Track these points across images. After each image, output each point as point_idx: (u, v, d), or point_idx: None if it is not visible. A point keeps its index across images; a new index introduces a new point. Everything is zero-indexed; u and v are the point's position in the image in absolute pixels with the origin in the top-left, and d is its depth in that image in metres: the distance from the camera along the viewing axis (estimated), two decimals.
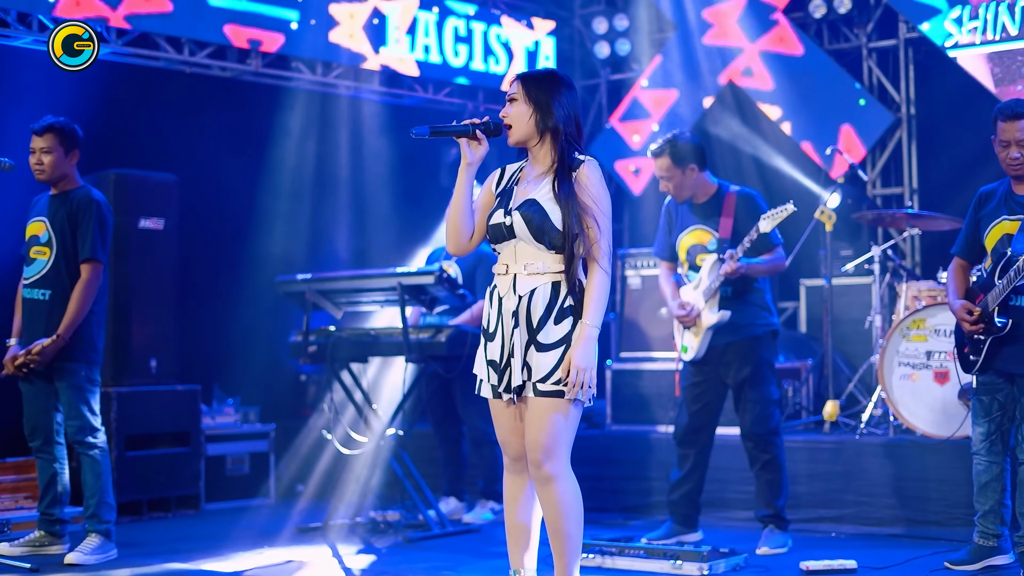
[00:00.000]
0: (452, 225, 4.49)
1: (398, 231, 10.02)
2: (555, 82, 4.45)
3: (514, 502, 4.58)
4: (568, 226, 4.32)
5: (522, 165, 4.56)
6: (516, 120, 4.42)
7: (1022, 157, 5.44)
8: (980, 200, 5.68)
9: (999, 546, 5.69)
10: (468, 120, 4.46)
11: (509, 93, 4.47)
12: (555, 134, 4.40)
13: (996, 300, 5.40)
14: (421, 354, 6.89)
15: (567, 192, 4.33)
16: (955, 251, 5.79)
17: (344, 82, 9.65)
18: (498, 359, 4.41)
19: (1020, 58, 8.95)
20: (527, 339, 4.35)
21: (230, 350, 9.05)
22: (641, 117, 10.65)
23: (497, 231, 4.44)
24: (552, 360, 4.31)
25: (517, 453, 4.53)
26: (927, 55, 9.68)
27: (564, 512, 4.38)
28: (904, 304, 7.60)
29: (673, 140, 6.48)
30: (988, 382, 5.57)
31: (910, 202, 7.73)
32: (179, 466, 7.98)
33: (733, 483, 7.31)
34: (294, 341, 7.32)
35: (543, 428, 4.33)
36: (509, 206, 4.42)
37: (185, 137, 8.95)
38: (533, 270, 4.37)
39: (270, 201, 9.42)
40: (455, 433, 7.75)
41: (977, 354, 5.55)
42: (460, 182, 4.45)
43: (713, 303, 6.39)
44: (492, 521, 7.46)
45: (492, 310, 4.47)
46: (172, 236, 8.08)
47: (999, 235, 5.52)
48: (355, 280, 7.13)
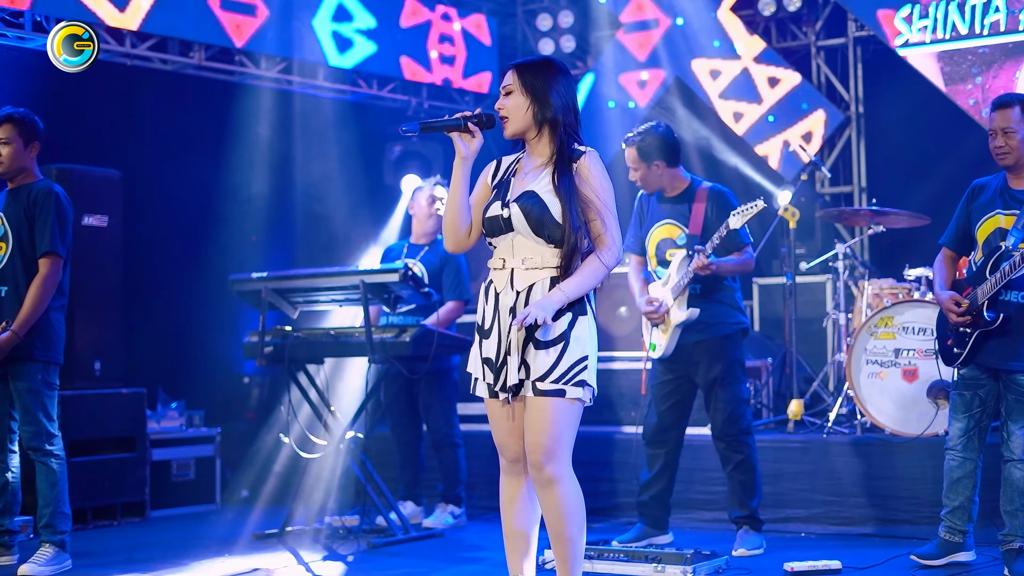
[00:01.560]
0: (449, 221, 4.34)
1: (343, 229, 9.82)
2: (552, 70, 4.32)
3: (511, 506, 4.43)
4: (568, 219, 4.18)
5: (519, 157, 4.41)
6: (513, 112, 4.28)
7: (1006, 146, 5.41)
8: (973, 192, 5.63)
9: (964, 542, 5.66)
10: (460, 114, 4.31)
11: (504, 84, 4.31)
12: (554, 125, 4.27)
13: (987, 294, 5.35)
14: (385, 354, 6.69)
15: (568, 185, 4.20)
16: (944, 241, 5.73)
17: (287, 77, 9.41)
18: (494, 357, 4.25)
19: (971, 57, 8.99)
20: (525, 336, 4.20)
21: (174, 352, 8.82)
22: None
23: (494, 224, 4.29)
24: (551, 358, 4.18)
25: (514, 455, 4.38)
26: (876, 53, 9.71)
27: (567, 515, 4.25)
28: (866, 302, 7.57)
29: (644, 133, 6.37)
30: (971, 377, 5.53)
31: (874, 199, 7.68)
32: (125, 472, 7.70)
33: (697, 483, 7.23)
34: (249, 342, 7.09)
35: (543, 429, 4.20)
36: (507, 198, 4.27)
37: (128, 132, 8.68)
38: (532, 264, 4.24)
39: (215, 198, 9.17)
40: (414, 435, 7.56)
41: (962, 347, 5.49)
42: (456, 177, 4.30)
43: (682, 300, 6.28)
44: (453, 525, 7.30)
45: (488, 306, 4.32)
46: (116, 234, 7.81)
47: (992, 228, 5.48)
48: (314, 279, 6.90)
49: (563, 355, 4.18)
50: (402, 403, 7.44)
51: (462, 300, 7.38)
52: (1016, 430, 5.40)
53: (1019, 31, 8.79)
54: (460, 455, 7.42)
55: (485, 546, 6.72)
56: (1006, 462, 5.45)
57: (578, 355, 4.20)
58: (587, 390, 4.24)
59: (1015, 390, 5.40)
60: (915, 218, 7.55)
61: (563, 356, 4.18)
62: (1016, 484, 5.42)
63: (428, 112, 10.21)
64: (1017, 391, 5.39)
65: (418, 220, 7.56)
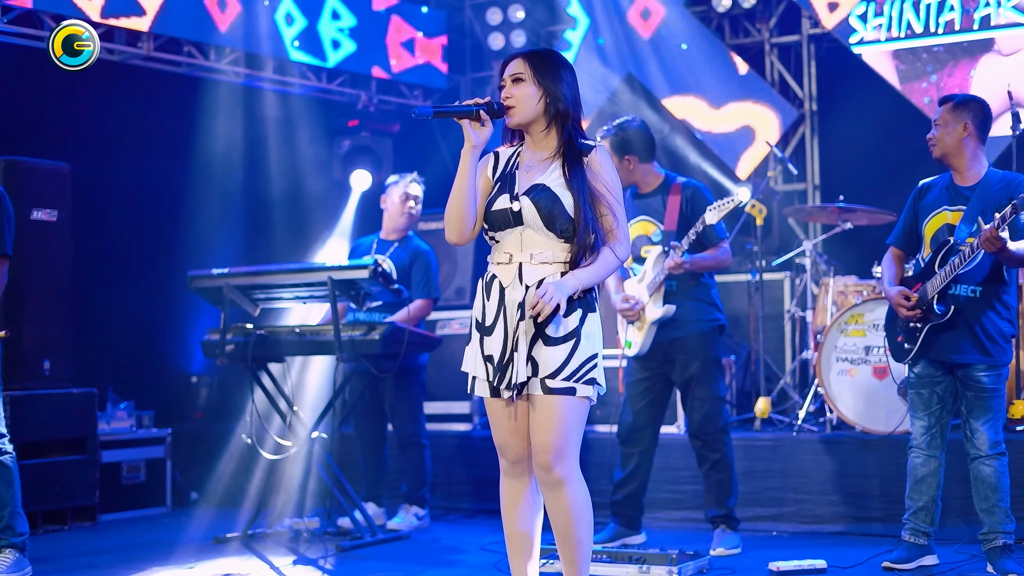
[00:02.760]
0: (456, 213, 4.18)
1: (292, 225, 9.64)
2: (561, 62, 4.26)
3: (513, 508, 4.31)
4: (581, 213, 4.09)
5: (518, 149, 4.29)
6: (524, 101, 4.17)
7: (933, 139, 5.53)
8: (920, 192, 5.70)
9: (928, 545, 5.63)
10: (472, 100, 4.17)
11: (512, 72, 4.19)
12: (563, 118, 4.19)
13: (936, 288, 5.40)
14: (353, 352, 6.53)
15: (580, 178, 4.12)
16: (892, 241, 5.78)
17: (235, 69, 9.18)
18: (499, 354, 4.13)
19: (925, 55, 9.02)
20: (533, 332, 4.08)
21: (124, 350, 8.56)
22: None
23: (502, 217, 4.16)
24: (562, 354, 4.07)
25: (516, 456, 4.27)
26: (829, 51, 9.70)
27: (576, 517, 4.15)
28: (831, 299, 7.55)
29: (618, 127, 6.31)
30: (926, 375, 5.53)
31: (841, 196, 7.66)
32: (75, 475, 7.45)
33: (665, 482, 7.15)
34: (209, 340, 6.89)
35: (553, 428, 4.08)
36: (515, 191, 4.15)
37: (76, 123, 8.40)
38: (541, 259, 4.13)
39: (166, 192, 8.94)
40: (379, 435, 7.40)
41: (912, 342, 5.52)
42: (465, 167, 4.15)
43: (658, 297, 6.21)
44: (418, 527, 7.15)
45: (490, 302, 4.19)
46: (66, 228, 7.55)
47: (939, 224, 5.54)
48: (279, 275, 6.71)
49: (575, 352, 4.08)
50: (367, 402, 7.27)
51: (431, 298, 7.24)
52: (979, 426, 5.41)
53: (974, 30, 8.84)
54: (426, 456, 7.28)
55: (457, 548, 6.59)
56: (973, 460, 5.45)
57: (589, 352, 4.12)
58: (596, 388, 4.15)
59: (973, 387, 5.41)
60: (881, 215, 7.54)
61: (575, 353, 4.08)
62: (987, 480, 5.42)
63: (377, 107, 10.03)
64: (976, 387, 5.41)
65: (390, 216, 7.40)
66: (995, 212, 5.24)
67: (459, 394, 7.95)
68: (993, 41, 8.81)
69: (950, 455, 5.64)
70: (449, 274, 8.72)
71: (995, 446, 5.40)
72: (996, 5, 8.72)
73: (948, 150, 5.50)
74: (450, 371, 7.87)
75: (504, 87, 4.20)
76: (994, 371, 5.41)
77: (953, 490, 6.03)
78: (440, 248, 8.03)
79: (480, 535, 6.87)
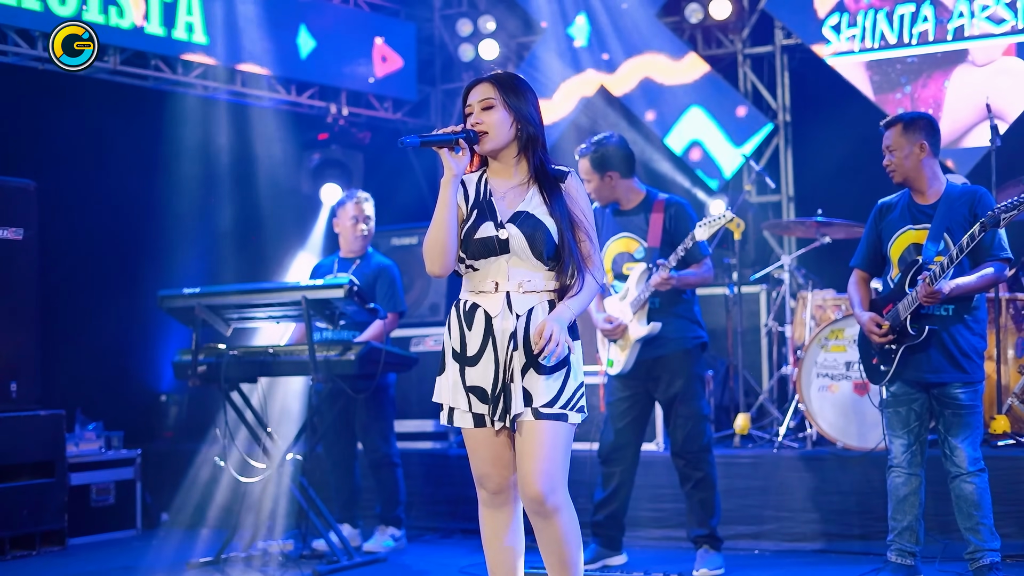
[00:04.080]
0: (440, 244, 4.05)
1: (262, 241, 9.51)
2: (526, 85, 4.19)
3: (496, 540, 4.21)
4: (565, 240, 4.04)
5: (482, 176, 4.18)
6: (497, 127, 4.07)
7: (890, 164, 5.52)
8: (880, 212, 5.65)
9: (915, 566, 5.55)
10: (450, 128, 4.06)
11: (482, 98, 4.09)
12: (532, 143, 4.11)
13: (908, 308, 5.35)
14: (329, 373, 6.42)
15: (562, 205, 4.07)
16: (856, 264, 5.73)
17: (204, 83, 9.05)
18: (489, 386, 4.04)
19: (899, 66, 8.99)
20: (524, 361, 4.01)
21: (92, 371, 8.40)
22: None
23: (487, 246, 4.05)
24: (556, 384, 4.01)
25: (498, 486, 4.17)
26: (803, 62, 9.65)
27: (568, 543, 4.09)
28: (809, 313, 7.49)
29: (597, 144, 6.23)
30: (902, 393, 5.48)
31: (820, 210, 7.61)
32: (43, 499, 7.28)
33: (645, 501, 7.07)
34: (180, 360, 6.75)
35: (546, 456, 4.00)
36: (498, 219, 4.06)
37: (42, 140, 8.24)
38: (529, 287, 4.06)
39: (134, 209, 8.77)
40: (349, 455, 7.28)
41: (888, 364, 5.47)
42: (447, 197, 4.03)
43: (642, 315, 6.13)
44: (394, 548, 7.04)
45: (472, 332, 4.07)
46: (32, 247, 7.38)
47: (906, 244, 5.49)
48: (251, 294, 6.60)
49: (567, 381, 4.04)
50: (337, 421, 7.15)
51: (398, 312, 7.14)
52: (958, 444, 5.35)
53: (948, 41, 8.82)
54: (399, 475, 7.17)
55: (432, 571, 6.50)
56: (954, 478, 5.40)
57: (579, 381, 4.09)
58: (582, 414, 4.10)
59: (951, 404, 5.37)
60: (859, 229, 7.48)
61: (567, 383, 4.04)
62: (969, 498, 5.36)
63: (347, 119, 9.92)
64: (953, 405, 5.36)
65: (344, 239, 7.31)
66: (960, 227, 5.26)
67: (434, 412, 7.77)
68: (967, 52, 8.79)
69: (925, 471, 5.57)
70: (423, 291, 8.62)
71: (975, 463, 5.35)
72: (970, 16, 8.71)
73: (909, 173, 5.47)
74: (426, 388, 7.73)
75: (471, 113, 4.11)
76: (970, 387, 5.37)
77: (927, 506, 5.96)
78: (415, 265, 7.93)
79: (458, 556, 6.77)
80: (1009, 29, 8.62)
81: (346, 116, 9.92)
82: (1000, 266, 5.35)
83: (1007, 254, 5.35)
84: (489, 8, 10.54)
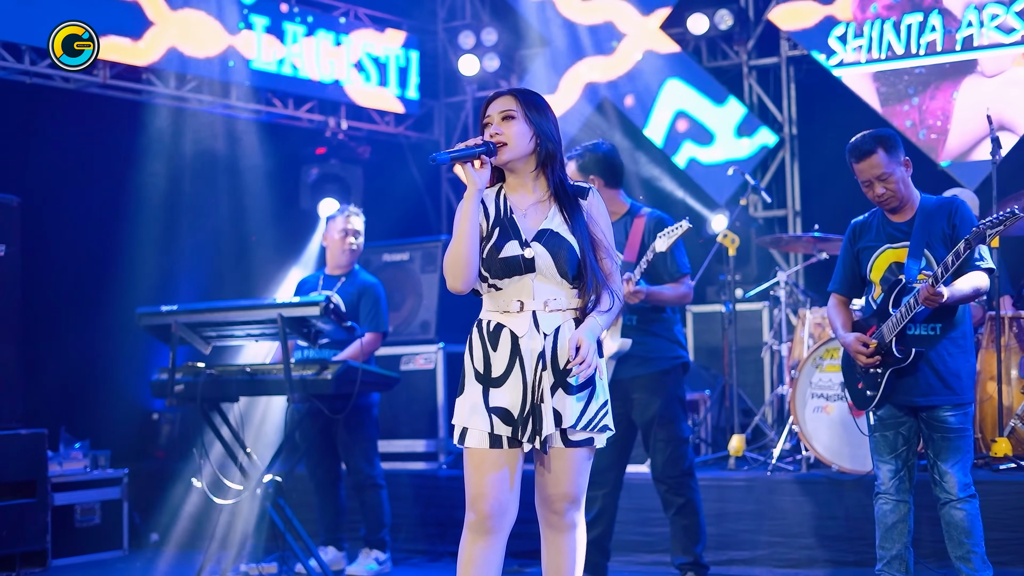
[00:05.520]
0: (462, 261, 3.95)
1: (258, 257, 9.38)
2: (546, 104, 4.15)
3: (475, 569, 4.00)
4: (587, 259, 4.01)
5: (500, 192, 4.11)
6: (517, 139, 4.00)
7: (887, 192, 5.12)
8: (855, 233, 5.37)
9: None
10: (471, 141, 3.98)
11: (502, 109, 4.02)
12: (551, 159, 4.07)
13: (893, 330, 5.09)
14: (305, 393, 6.27)
15: (583, 224, 4.05)
16: (834, 288, 5.46)
17: (198, 96, 8.95)
18: (516, 407, 3.96)
19: (907, 78, 8.78)
20: (553, 381, 3.96)
21: (78, 389, 8.29)
22: None
23: (512, 264, 3.98)
24: (581, 404, 4.01)
25: (491, 509, 3.98)
26: (809, 73, 9.46)
27: (579, 558, 4.17)
28: (807, 331, 7.28)
29: (586, 149, 6.04)
30: (889, 416, 5.23)
31: (816, 225, 7.40)
32: (25, 519, 7.15)
33: (634, 524, 6.88)
34: (158, 379, 6.62)
35: (574, 480, 4.08)
36: (523, 238, 4.00)
37: (27, 155, 8.15)
38: (555, 306, 4.01)
39: (121, 225, 8.66)
40: (333, 476, 7.13)
41: (875, 389, 5.22)
42: (470, 212, 3.95)
43: (615, 330, 5.92)
44: (378, 572, 6.87)
45: (498, 352, 3.99)
46: (15, 264, 7.29)
47: (887, 264, 5.22)
48: (228, 312, 6.45)
49: (591, 400, 4.01)
50: (320, 441, 6.99)
51: (380, 332, 6.98)
52: (948, 469, 5.11)
53: (956, 51, 8.60)
54: (383, 497, 7.00)
55: None
56: (943, 504, 5.15)
57: (604, 399, 4.08)
58: (606, 432, 4.10)
59: (939, 428, 5.11)
60: None
61: (591, 401, 4.01)
62: (960, 525, 5.11)
63: (347, 133, 9.79)
64: (942, 429, 5.11)
65: (331, 253, 7.17)
66: (939, 241, 5.04)
67: (422, 432, 7.70)
68: (976, 62, 8.57)
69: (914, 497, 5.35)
70: (414, 309, 8.45)
71: (966, 488, 5.11)
72: (979, 25, 8.49)
73: (903, 196, 5.15)
74: (415, 408, 7.62)
75: (488, 124, 4.03)
76: (960, 410, 5.12)
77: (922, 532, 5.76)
78: (406, 282, 7.80)
79: None
80: (1019, 39, 8.41)
81: (345, 130, 9.79)
82: (983, 277, 5.12)
83: (989, 265, 5.12)
84: (492, 21, 10.38)
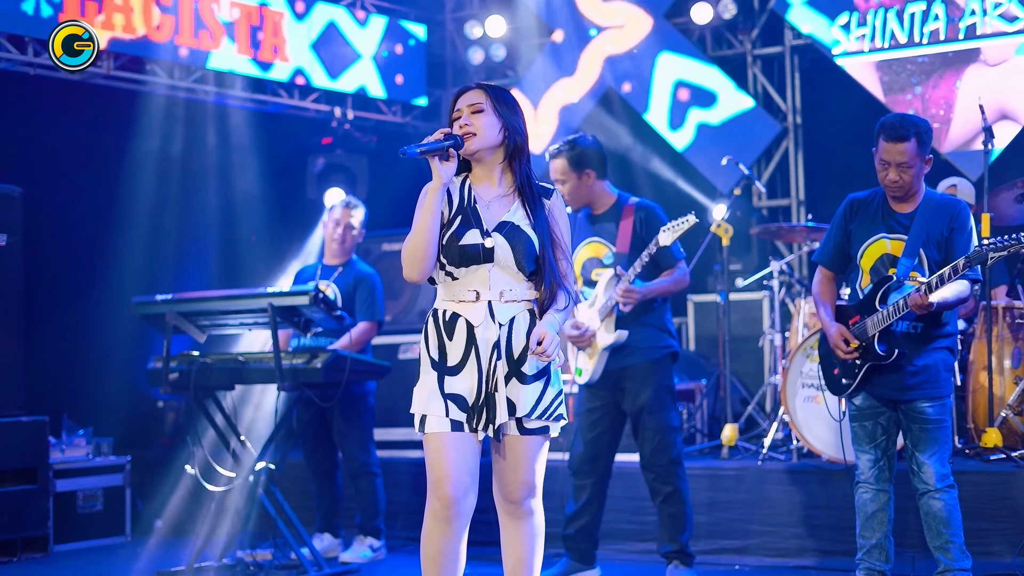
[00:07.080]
0: (421, 251, 4.03)
1: (264, 246, 9.43)
2: (515, 101, 4.24)
3: (440, 559, 4.04)
4: (545, 254, 4.10)
5: (465, 181, 4.16)
6: (486, 131, 4.08)
7: (900, 181, 5.08)
8: (852, 209, 5.29)
9: None
10: (439, 132, 4.04)
11: (471, 102, 4.10)
12: (519, 153, 4.15)
13: (877, 327, 5.08)
14: (295, 381, 6.33)
15: (544, 221, 4.13)
16: (820, 260, 5.39)
17: (203, 87, 9.00)
18: (471, 395, 4.03)
19: (910, 66, 8.75)
20: (507, 371, 4.04)
21: (81, 376, 8.38)
22: None
23: (471, 253, 4.05)
24: (535, 393, 4.08)
25: (455, 492, 4.01)
26: (813, 62, 9.44)
27: (538, 545, 4.22)
28: (803, 321, 7.28)
29: (572, 142, 6.06)
30: (867, 406, 5.24)
31: (810, 215, 7.40)
32: (26, 505, 7.26)
33: (626, 513, 6.90)
34: (153, 368, 6.69)
35: (531, 467, 4.14)
36: (483, 227, 4.06)
37: (30, 145, 8.24)
38: (510, 297, 4.10)
39: (126, 215, 8.73)
40: (329, 463, 7.19)
41: (851, 378, 5.23)
42: (433, 204, 4.02)
43: (609, 322, 5.96)
44: (372, 559, 6.93)
45: (453, 341, 4.06)
46: (16, 253, 7.38)
47: (878, 253, 5.19)
48: (221, 301, 6.52)
49: (546, 389, 4.10)
50: (316, 429, 7.06)
51: (375, 321, 7.03)
52: (926, 460, 5.11)
53: (959, 40, 8.56)
54: (378, 484, 7.06)
55: None
56: (922, 495, 5.16)
57: (558, 388, 4.16)
58: (560, 422, 4.17)
59: (918, 419, 5.12)
60: None
61: (546, 390, 4.10)
62: (938, 515, 5.12)
63: (353, 123, 9.84)
64: (920, 420, 5.12)
65: (328, 243, 7.24)
66: (936, 244, 5.02)
67: None
68: (979, 51, 8.52)
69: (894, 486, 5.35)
70: (412, 298, 8.50)
71: (944, 479, 5.11)
72: (982, 14, 8.44)
73: (913, 189, 5.12)
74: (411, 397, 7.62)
75: (458, 118, 4.10)
76: (938, 402, 5.12)
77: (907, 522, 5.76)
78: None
79: None
80: (1023, 27, 8.34)
81: (352, 120, 9.83)
82: (971, 284, 5.11)
83: (977, 275, 5.09)
84: (500, 10, 10.39)
